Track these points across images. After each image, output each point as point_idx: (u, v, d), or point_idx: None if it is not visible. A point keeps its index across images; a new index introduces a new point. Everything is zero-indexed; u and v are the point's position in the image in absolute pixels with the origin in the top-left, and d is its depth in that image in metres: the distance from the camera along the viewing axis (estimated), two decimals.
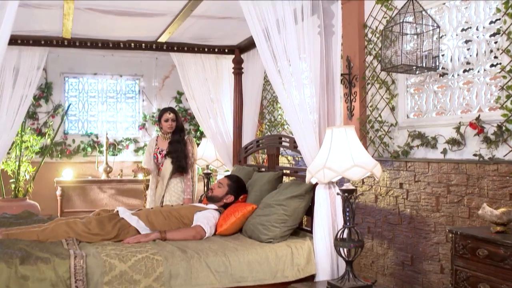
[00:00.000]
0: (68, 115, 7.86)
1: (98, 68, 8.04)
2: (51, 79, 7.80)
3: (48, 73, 7.78)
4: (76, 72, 7.98)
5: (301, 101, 3.59)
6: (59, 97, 7.85)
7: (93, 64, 8.00)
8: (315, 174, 3.27)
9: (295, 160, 6.76)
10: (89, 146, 7.93)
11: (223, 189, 4.26)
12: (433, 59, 3.72)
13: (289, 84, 3.60)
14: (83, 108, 8.05)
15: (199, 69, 5.24)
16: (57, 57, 7.77)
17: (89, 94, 8.09)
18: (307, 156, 3.60)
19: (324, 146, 3.33)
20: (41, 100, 7.70)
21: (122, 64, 8.10)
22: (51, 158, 7.73)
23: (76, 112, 8.03)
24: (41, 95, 7.69)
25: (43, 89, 7.70)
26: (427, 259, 3.93)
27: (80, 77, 8.03)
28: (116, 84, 8.21)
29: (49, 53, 7.88)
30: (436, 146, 3.86)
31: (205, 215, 3.97)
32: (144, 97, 8.24)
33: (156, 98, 8.21)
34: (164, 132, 5.20)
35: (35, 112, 7.66)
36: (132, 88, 8.29)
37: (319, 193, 3.58)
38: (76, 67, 7.95)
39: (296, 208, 3.72)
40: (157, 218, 3.95)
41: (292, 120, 3.66)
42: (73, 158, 7.86)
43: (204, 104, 5.25)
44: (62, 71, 7.89)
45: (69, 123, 7.99)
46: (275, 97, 7.18)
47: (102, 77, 8.09)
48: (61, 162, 7.78)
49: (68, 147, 7.85)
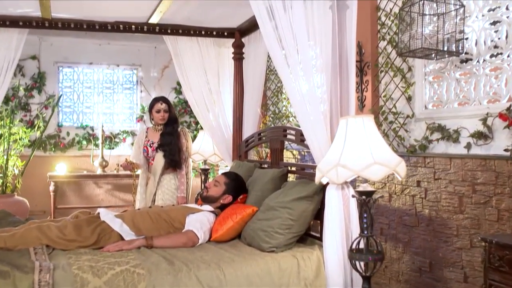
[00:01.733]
0: (60, 107, 7.26)
1: (94, 57, 7.44)
2: (44, 68, 7.21)
3: (41, 62, 7.19)
4: (70, 61, 7.37)
5: (310, 89, 2.99)
6: (52, 87, 7.25)
7: (89, 53, 7.40)
8: (327, 173, 2.67)
9: (301, 155, 6.18)
10: (84, 139, 7.34)
11: (219, 188, 3.67)
12: (456, 43, 3.30)
13: (296, 70, 3.01)
14: (78, 99, 7.45)
15: (195, 55, 4.60)
16: (50, 45, 7.20)
17: (85, 85, 7.49)
18: (317, 152, 2.99)
19: (337, 140, 2.73)
20: (34, 90, 7.12)
21: (119, 53, 7.51)
22: (44, 151, 7.16)
23: (71, 103, 7.44)
24: (34, 85, 7.10)
25: (36, 79, 7.12)
26: (448, 266, 3.48)
27: (75, 66, 7.43)
28: (113, 74, 7.61)
29: (42, 41, 7.40)
30: (458, 140, 3.43)
31: (198, 218, 3.38)
32: (142, 87, 7.64)
33: (155, 89, 7.60)
34: (156, 124, 4.62)
35: (27, 103, 7.08)
36: (129, 79, 7.69)
37: (330, 195, 2.97)
38: (71, 56, 7.35)
39: (303, 211, 3.12)
40: (144, 222, 3.36)
41: (299, 111, 3.07)
42: (67, 152, 7.28)
43: (201, 94, 4.62)
44: (55, 60, 7.30)
45: (63, 115, 7.40)
46: (279, 87, 6.63)
47: (98, 66, 7.50)
48: (54, 155, 7.20)
49: (62, 140, 7.27)
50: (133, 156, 4.60)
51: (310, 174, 3.42)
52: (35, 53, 7.13)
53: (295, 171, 3.82)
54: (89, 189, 7.38)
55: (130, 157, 4.60)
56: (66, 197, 7.26)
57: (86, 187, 7.33)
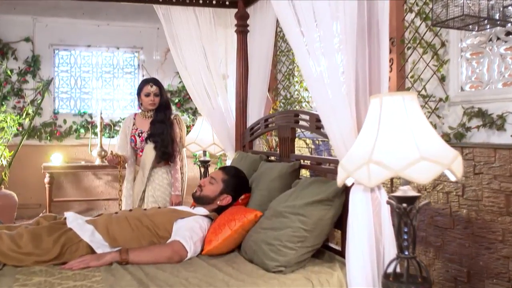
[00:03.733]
0: (56, 92, 6.54)
1: (92, 39, 6.69)
2: (39, 51, 6.48)
3: (35, 45, 6.47)
4: (67, 43, 6.63)
5: (331, 65, 2.21)
6: (48, 71, 6.53)
7: (87, 35, 6.65)
8: (354, 173, 1.87)
9: (315, 144, 5.40)
10: (82, 127, 6.62)
11: (216, 186, 2.91)
12: (502, 11, 2.70)
13: (313, 46, 2.23)
14: (75, 84, 6.72)
15: (192, 28, 3.78)
16: (45, 26, 6.48)
17: (82, 69, 6.74)
18: (338, 143, 2.21)
19: (367, 126, 1.94)
20: (28, 75, 6.41)
21: (119, 35, 6.75)
22: (39, 140, 6.47)
23: (68, 89, 6.71)
24: (28, 69, 6.39)
25: (30, 63, 6.40)
26: (490, 277, 2.85)
27: (71, 49, 6.69)
28: (113, 58, 6.85)
29: (36, 22, 6.64)
30: (503, 127, 2.84)
31: (188, 226, 2.63)
32: (144, 72, 6.88)
33: (157, 73, 6.82)
34: (145, 110, 3.87)
35: (21, 89, 6.37)
36: (130, 62, 6.93)
37: (355, 198, 2.18)
38: (67, 38, 6.60)
39: (319, 219, 2.34)
40: (121, 229, 2.61)
41: (316, 92, 2.29)
42: (64, 141, 6.57)
43: (199, 73, 3.79)
44: (51, 42, 6.56)
45: (60, 101, 6.68)
46: (291, 69, 5.82)
47: (96, 49, 6.75)
48: (50, 145, 6.50)
49: (59, 128, 6.56)
50: (118, 147, 3.84)
51: (329, 170, 2.63)
52: (28, 34, 6.42)
53: (309, 165, 3.02)
54: (88, 181, 6.68)
55: (115, 149, 3.84)
56: (63, 189, 6.58)
57: (84, 178, 6.63)
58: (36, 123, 6.42)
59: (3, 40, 6.30)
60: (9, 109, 6.13)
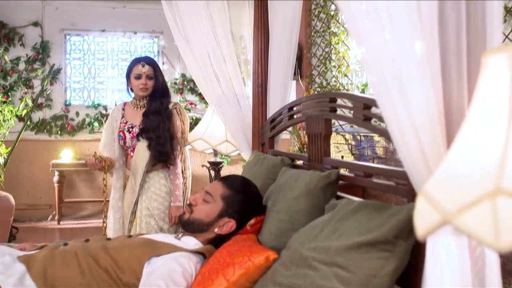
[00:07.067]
0: (61, 81, 5.69)
1: (107, 23, 5.82)
2: (48, 37, 5.67)
3: (45, 30, 5.67)
4: (79, 28, 5.79)
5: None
6: (58, 59, 5.72)
7: (101, 19, 5.81)
8: (457, 216, 0.83)
9: (356, 140, 4.33)
10: (96, 120, 5.78)
11: (213, 206, 1.89)
12: None
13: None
14: (88, 73, 5.87)
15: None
16: (55, 10, 5.70)
17: (96, 56, 5.89)
18: (409, 146, 1.16)
19: (480, 116, 0.88)
20: (36, 63, 5.61)
21: (136, 18, 5.86)
22: (49, 135, 5.67)
23: (80, 78, 5.86)
24: (36, 57, 5.59)
25: (38, 50, 5.60)
26: None
27: (84, 34, 5.84)
28: (130, 43, 5.97)
29: (45, 5, 5.76)
30: None
31: (165, 270, 1.64)
32: (164, 59, 5.96)
33: (179, 60, 5.88)
34: (137, 97, 2.91)
35: (29, 78, 5.58)
36: (149, 48, 6.02)
37: (438, 244, 1.13)
38: (80, 23, 5.77)
39: (372, 275, 1.28)
40: (65, 272, 1.66)
41: (374, 65, 1.26)
42: (76, 135, 5.75)
43: (205, 50, 2.77)
44: (62, 27, 5.74)
45: (72, 92, 5.85)
46: (327, 52, 4.77)
47: (112, 34, 5.87)
48: (61, 140, 5.70)
49: (71, 121, 5.74)
50: (103, 145, 2.87)
51: (387, 186, 1.58)
52: (37, 19, 5.64)
53: (352, 177, 1.86)
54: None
55: (99, 148, 2.89)
56: (75, 188, 5.78)
57: (98, 176, 5.78)
58: (45, 116, 5.64)
59: (9, 25, 5.53)
60: (16, 101, 5.35)
